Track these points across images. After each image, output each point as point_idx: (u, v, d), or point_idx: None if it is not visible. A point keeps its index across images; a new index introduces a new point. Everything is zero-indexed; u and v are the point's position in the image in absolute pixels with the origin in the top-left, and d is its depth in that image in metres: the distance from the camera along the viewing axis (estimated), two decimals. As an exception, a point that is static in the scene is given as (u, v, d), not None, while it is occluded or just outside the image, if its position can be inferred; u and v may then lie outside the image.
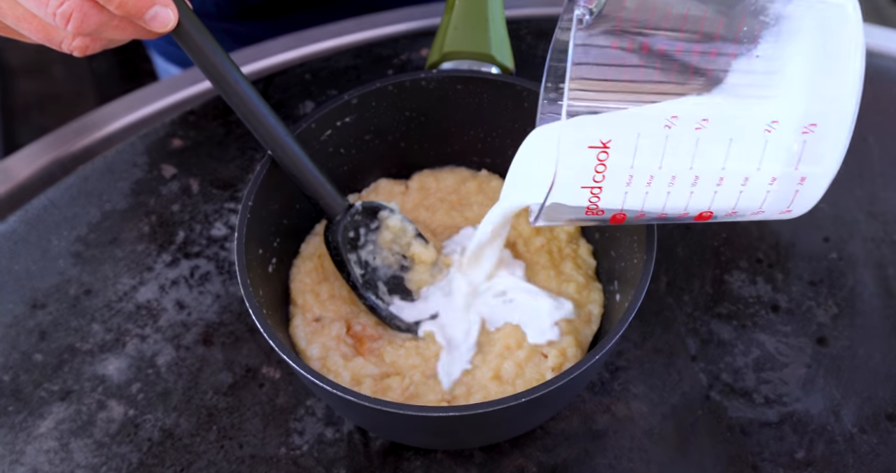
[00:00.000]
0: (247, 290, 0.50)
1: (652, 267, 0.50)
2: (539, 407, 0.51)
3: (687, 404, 0.58)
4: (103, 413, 0.59)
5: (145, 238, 0.67)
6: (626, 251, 0.55)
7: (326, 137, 0.59)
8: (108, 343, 0.62)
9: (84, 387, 0.60)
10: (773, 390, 0.59)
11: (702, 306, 0.62)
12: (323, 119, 0.57)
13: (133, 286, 0.65)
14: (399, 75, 0.58)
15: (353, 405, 0.47)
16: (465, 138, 0.63)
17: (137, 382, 0.60)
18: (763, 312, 0.62)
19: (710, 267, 0.64)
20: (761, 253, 0.65)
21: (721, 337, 0.61)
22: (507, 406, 0.46)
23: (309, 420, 0.58)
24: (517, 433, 0.56)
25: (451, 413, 0.46)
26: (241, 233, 0.52)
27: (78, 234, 0.67)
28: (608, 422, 0.57)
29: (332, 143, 0.59)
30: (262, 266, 0.55)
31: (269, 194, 0.55)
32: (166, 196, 0.69)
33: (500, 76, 0.59)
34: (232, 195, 0.69)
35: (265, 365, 0.60)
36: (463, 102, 0.60)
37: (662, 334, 0.61)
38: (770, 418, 0.58)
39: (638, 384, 0.59)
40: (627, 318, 0.48)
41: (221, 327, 0.62)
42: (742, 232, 0.66)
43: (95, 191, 0.69)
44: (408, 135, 0.62)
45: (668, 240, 0.65)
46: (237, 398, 0.59)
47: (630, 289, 0.51)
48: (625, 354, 0.60)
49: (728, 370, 0.60)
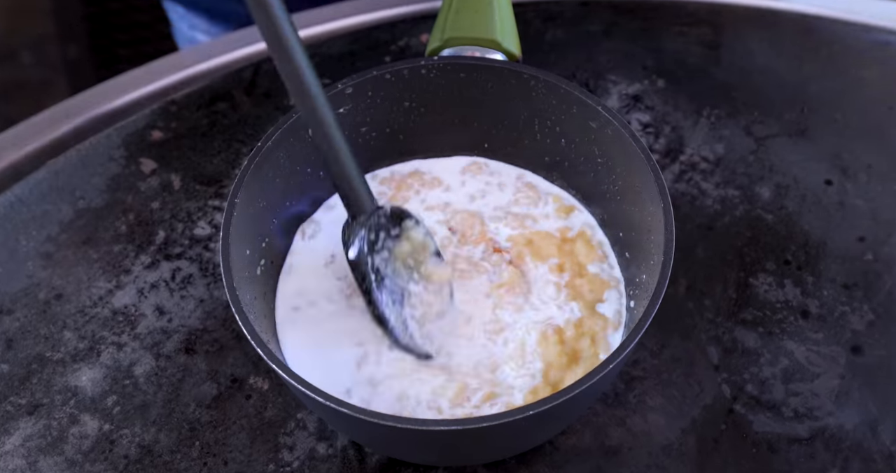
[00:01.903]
0: (232, 294, 0.49)
1: (669, 271, 0.49)
2: (547, 421, 0.51)
3: (709, 417, 0.58)
4: (75, 429, 0.58)
5: (122, 238, 0.67)
6: (642, 253, 0.55)
7: None
8: (81, 352, 0.62)
9: (54, 400, 0.60)
10: (803, 403, 0.58)
11: (724, 312, 0.62)
12: None
13: (109, 290, 0.64)
14: (397, 63, 0.58)
15: (347, 418, 0.47)
16: (468, 130, 0.62)
17: (113, 394, 0.60)
18: (792, 318, 0.62)
19: (734, 270, 0.64)
20: (790, 253, 0.65)
21: (746, 345, 0.61)
22: (512, 419, 0.45)
23: (300, 435, 0.58)
24: (524, 449, 0.56)
25: (453, 427, 0.45)
26: (226, 233, 0.51)
27: (48, 234, 0.67)
28: (623, 437, 0.57)
29: None
30: (249, 268, 0.54)
31: (258, 190, 0.54)
32: (145, 192, 0.69)
33: (506, 63, 0.58)
34: (217, 191, 0.69)
35: (252, 374, 0.60)
36: (466, 92, 0.60)
37: (682, 342, 0.61)
38: (800, 433, 0.57)
39: (655, 395, 0.59)
40: (643, 326, 0.48)
41: (205, 334, 0.62)
42: (768, 231, 0.66)
43: (67, 187, 0.69)
44: (407, 126, 0.61)
45: (687, 240, 0.65)
46: (222, 411, 0.59)
47: (645, 294, 0.51)
48: (641, 363, 0.60)
49: (754, 381, 0.59)
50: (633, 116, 0.72)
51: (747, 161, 0.69)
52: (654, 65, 0.75)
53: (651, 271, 0.52)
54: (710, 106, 0.72)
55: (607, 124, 0.55)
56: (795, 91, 0.73)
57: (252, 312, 0.51)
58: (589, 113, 0.56)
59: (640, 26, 0.77)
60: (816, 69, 0.74)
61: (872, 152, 0.69)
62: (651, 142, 0.70)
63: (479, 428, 0.46)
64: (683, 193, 0.68)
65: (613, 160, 0.57)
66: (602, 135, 0.56)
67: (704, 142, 0.70)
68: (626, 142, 0.54)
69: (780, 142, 0.70)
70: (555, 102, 0.58)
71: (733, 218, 0.66)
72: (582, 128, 0.57)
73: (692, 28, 0.77)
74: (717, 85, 0.74)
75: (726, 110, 0.72)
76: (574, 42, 0.76)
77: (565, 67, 0.75)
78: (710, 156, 0.70)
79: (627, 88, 0.73)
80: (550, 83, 0.57)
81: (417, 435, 0.48)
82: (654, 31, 0.77)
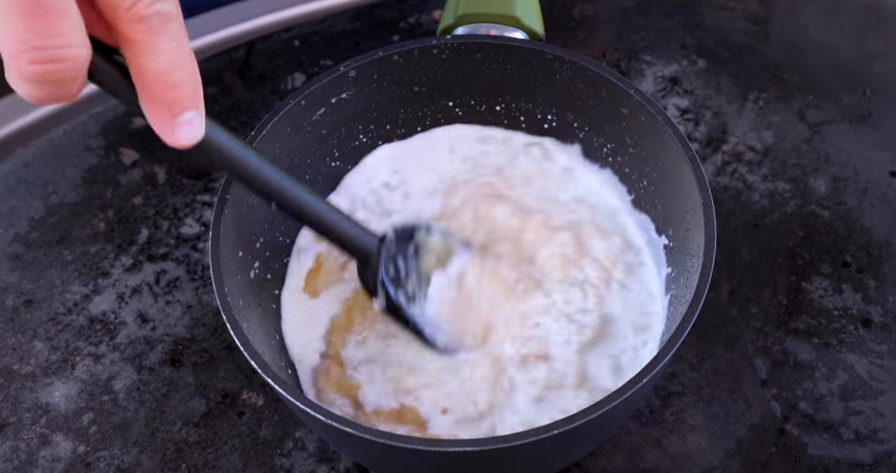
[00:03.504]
0: (223, 301, 0.49)
1: (710, 274, 0.49)
2: (573, 441, 0.50)
3: (756, 439, 0.57)
4: (46, 451, 0.58)
5: (100, 237, 0.67)
6: (680, 253, 0.55)
7: (319, 117, 0.58)
8: (54, 364, 0.62)
9: (23, 419, 0.60)
10: (865, 423, 0.57)
11: (774, 320, 0.62)
12: (315, 95, 0.57)
13: (85, 295, 0.64)
14: (406, 42, 0.58)
15: (352, 438, 0.46)
16: (486, 116, 0.63)
17: (89, 412, 0.60)
18: (851, 327, 0.61)
19: (784, 273, 0.64)
20: (849, 255, 0.64)
21: (798, 357, 0.60)
22: (535, 439, 0.45)
23: (298, 456, 0.57)
24: (549, 472, 0.56)
25: (470, 448, 0.45)
26: (216, 232, 0.51)
27: (17, 233, 0.67)
28: (659, 460, 0.57)
29: (325, 124, 0.59)
30: (242, 271, 0.54)
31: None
32: (126, 186, 0.69)
33: (527, 42, 0.59)
34: (206, 185, 0.69)
35: (246, 389, 0.60)
36: (483, 74, 0.60)
37: (725, 353, 0.60)
38: (862, 458, 0.56)
39: (695, 413, 0.58)
40: (681, 334, 0.47)
41: (193, 344, 0.62)
42: (824, 229, 0.66)
43: (39, 180, 0.69)
44: (418, 112, 0.62)
45: (730, 240, 0.65)
46: (212, 429, 0.59)
47: (683, 299, 0.51)
48: (678, 377, 0.59)
49: (808, 397, 0.59)
50: (669, 101, 0.72)
51: (800, 150, 0.69)
52: (694, 43, 0.75)
53: (689, 273, 0.52)
54: (758, 89, 0.72)
55: (640, 110, 0.55)
56: (856, 71, 0.73)
57: (245, 321, 0.51)
58: (620, 97, 0.56)
59: (678, 0, 0.77)
60: (880, 46, 0.75)
61: (943, 140, 0.69)
62: (690, 129, 0.70)
63: (498, 449, 0.45)
64: (727, 187, 0.67)
65: (647, 150, 0.57)
66: (634, 121, 0.56)
67: (751, 130, 0.70)
68: (660, 130, 0.54)
69: (837, 129, 0.70)
70: (581, 86, 0.58)
71: (784, 214, 0.66)
72: (612, 114, 0.57)
73: (738, 1, 0.77)
74: (765, 65, 0.74)
75: (776, 93, 0.72)
76: (604, 18, 0.77)
77: (594, 47, 0.75)
78: (758, 145, 0.69)
79: (664, 70, 0.73)
80: (577, 64, 0.57)
81: (432, 457, 0.47)
82: (694, 5, 0.77)
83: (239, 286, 0.53)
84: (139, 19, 0.39)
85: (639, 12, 0.76)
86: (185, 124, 0.43)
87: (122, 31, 0.40)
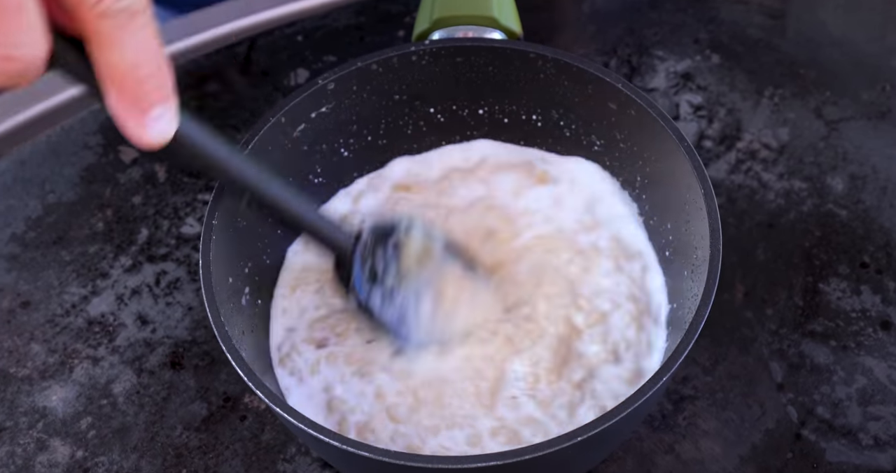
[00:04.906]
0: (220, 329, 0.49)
1: (718, 269, 0.49)
2: (586, 450, 0.50)
3: (772, 444, 0.57)
4: (44, 456, 0.58)
5: (99, 237, 0.67)
6: (684, 249, 0.55)
7: (300, 134, 0.58)
8: (52, 367, 0.61)
9: (19, 423, 0.60)
10: (885, 429, 0.57)
11: (790, 322, 0.61)
12: (294, 111, 0.57)
13: (83, 296, 0.64)
14: (384, 51, 0.58)
15: (358, 459, 0.46)
16: (469, 121, 0.63)
17: (88, 416, 0.60)
18: (870, 330, 0.61)
19: (801, 274, 0.63)
20: (867, 255, 0.64)
21: (815, 360, 0.60)
22: (547, 452, 0.44)
23: (302, 461, 0.57)
24: None
25: (488, 463, 0.45)
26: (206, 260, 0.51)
27: (13, 232, 0.67)
28: (671, 466, 0.56)
29: (306, 140, 0.59)
30: (234, 298, 0.54)
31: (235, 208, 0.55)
32: (125, 185, 0.69)
33: (508, 42, 0.59)
34: (207, 184, 0.69)
35: (248, 393, 0.60)
36: (464, 78, 0.60)
37: (739, 356, 0.60)
38: (882, 465, 0.56)
39: (708, 418, 0.58)
40: (693, 335, 0.47)
41: (194, 346, 0.62)
42: (841, 229, 0.65)
43: (36, 179, 0.69)
44: (399, 121, 0.62)
45: (745, 240, 0.65)
46: (213, 434, 0.59)
47: (693, 300, 0.51)
48: (691, 381, 0.59)
49: (825, 402, 0.58)
50: (682, 98, 0.72)
51: (817, 148, 0.69)
52: (708, 37, 0.75)
53: (697, 270, 0.51)
54: (774, 85, 0.72)
55: (629, 104, 0.55)
56: (875, 66, 0.73)
57: (244, 348, 0.51)
58: (607, 92, 0.56)
59: None
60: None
61: (964, 138, 0.69)
62: (703, 127, 0.70)
63: (508, 464, 0.45)
64: (741, 186, 0.67)
65: (640, 144, 0.57)
66: (624, 116, 0.56)
67: (766, 127, 0.70)
68: (653, 123, 0.54)
69: (856, 127, 0.70)
70: (567, 83, 0.58)
71: (800, 214, 0.66)
72: (600, 110, 0.57)
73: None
74: (781, 60, 0.73)
75: (792, 90, 0.72)
76: (615, 12, 0.77)
77: (605, 42, 0.75)
78: (773, 142, 0.69)
79: (676, 65, 0.73)
80: (560, 62, 0.57)
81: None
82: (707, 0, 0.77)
83: (231, 314, 0.53)
84: (105, 15, 0.39)
85: (651, 6, 0.76)
86: (155, 120, 0.42)
87: (87, 26, 0.40)
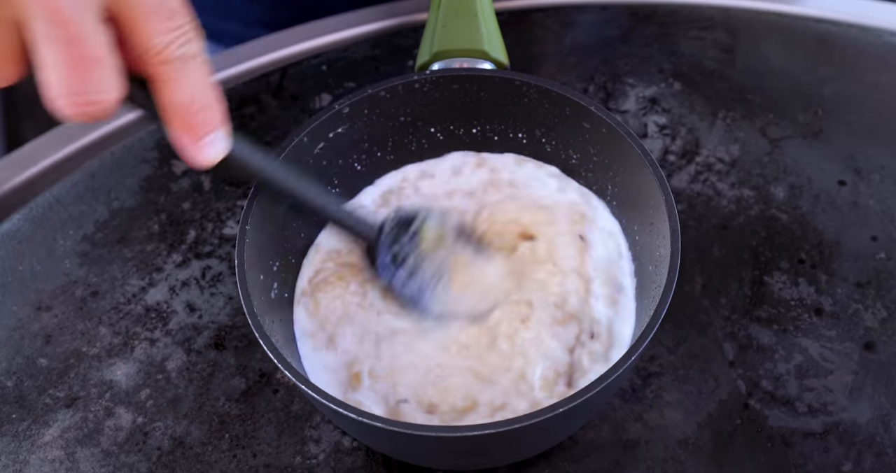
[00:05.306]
0: (255, 321, 0.50)
1: (678, 262, 0.49)
2: (567, 420, 0.51)
3: (724, 412, 0.58)
4: (111, 421, 0.59)
5: (154, 237, 0.67)
6: (650, 248, 0.55)
7: (320, 151, 0.58)
8: (116, 347, 0.62)
9: (91, 394, 0.60)
10: (817, 398, 0.58)
11: (740, 309, 0.62)
12: (314, 131, 0.57)
13: (142, 287, 0.65)
14: (391, 79, 0.58)
15: (373, 429, 0.47)
16: (465, 139, 0.63)
17: (146, 388, 0.60)
18: (806, 316, 0.62)
19: (749, 268, 0.64)
20: (804, 252, 0.65)
21: (761, 341, 0.60)
22: (539, 419, 0.45)
23: (325, 429, 0.58)
24: (548, 446, 0.56)
25: (487, 431, 0.45)
26: (241, 259, 0.51)
27: (84, 233, 0.67)
28: (640, 431, 0.57)
29: (325, 156, 0.59)
30: (264, 292, 0.54)
31: (267, 213, 0.55)
32: (176, 193, 0.69)
33: (497, 72, 0.59)
34: (245, 192, 0.69)
35: (279, 370, 0.56)
36: (459, 102, 0.60)
37: (698, 338, 0.61)
38: (814, 428, 0.57)
39: (672, 391, 0.58)
40: (657, 319, 0.48)
41: (234, 330, 0.62)
42: (783, 230, 0.66)
43: (103, 188, 0.69)
44: (405, 140, 0.62)
45: (703, 240, 0.65)
46: (250, 404, 0.59)
47: (657, 291, 0.51)
48: (657, 359, 0.60)
49: (768, 377, 0.59)
50: (650, 118, 0.72)
51: (762, 162, 0.69)
52: (671, 68, 0.75)
53: (660, 265, 0.52)
54: (726, 108, 0.72)
55: (600, 123, 0.56)
56: (810, 94, 0.73)
57: (273, 334, 0.52)
58: (582, 114, 0.56)
59: (657, 31, 0.77)
60: (831, 72, 0.74)
61: (886, 154, 0.69)
62: (668, 143, 0.70)
63: (508, 431, 0.45)
64: (699, 193, 0.67)
65: (611, 158, 0.57)
66: (596, 133, 0.57)
67: (720, 144, 0.70)
68: (622, 140, 0.55)
69: (794, 144, 0.70)
70: (547, 106, 0.58)
71: (748, 217, 0.66)
72: (576, 129, 0.58)
73: (708, 32, 0.77)
74: (732, 87, 0.73)
75: (741, 112, 0.72)
76: (593, 46, 0.76)
77: (584, 70, 0.75)
78: (726, 157, 0.69)
79: (645, 91, 0.73)
80: (542, 88, 0.57)
81: (451, 442, 0.47)
82: (670, 36, 0.77)
83: (265, 305, 0.53)
84: (165, 62, 0.41)
85: (623, 41, 0.76)
86: (207, 145, 0.44)
87: (151, 70, 0.41)
